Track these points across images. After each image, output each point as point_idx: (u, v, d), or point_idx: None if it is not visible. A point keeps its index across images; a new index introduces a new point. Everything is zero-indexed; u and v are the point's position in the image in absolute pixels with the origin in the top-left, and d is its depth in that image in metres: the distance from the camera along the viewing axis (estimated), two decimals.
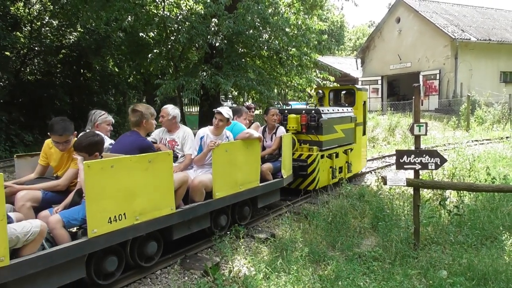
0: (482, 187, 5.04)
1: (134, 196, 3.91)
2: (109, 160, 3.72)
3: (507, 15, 32.59)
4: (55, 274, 3.41)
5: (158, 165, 4.14)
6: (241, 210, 5.76)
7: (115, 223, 3.73)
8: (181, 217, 4.51)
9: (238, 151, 5.35)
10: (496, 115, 19.22)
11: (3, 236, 2.92)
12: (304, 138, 7.54)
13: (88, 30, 15.41)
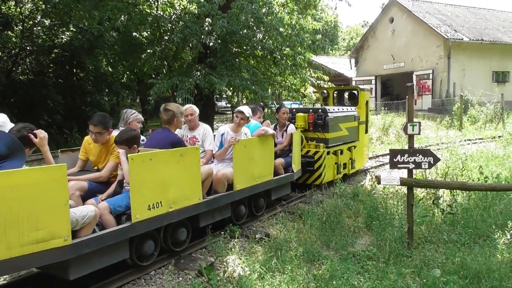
0: (475, 186, 5.07)
1: (168, 186, 4.35)
2: (148, 153, 4.16)
3: (499, 15, 32.86)
4: (106, 254, 3.87)
5: (188, 159, 4.59)
6: (257, 201, 6.22)
7: (153, 210, 4.19)
8: (207, 206, 4.96)
9: (255, 146, 5.81)
10: (488, 115, 19.37)
11: (66, 219, 3.38)
12: (311, 136, 7.93)
13: (81, 30, 15.32)
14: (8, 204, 3.05)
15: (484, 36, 26.69)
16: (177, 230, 4.73)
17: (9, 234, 3.07)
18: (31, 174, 3.22)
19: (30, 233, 3.17)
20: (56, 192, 3.29)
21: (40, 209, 3.21)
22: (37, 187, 3.19)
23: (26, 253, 3.16)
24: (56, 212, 3.31)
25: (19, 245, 3.12)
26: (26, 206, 3.14)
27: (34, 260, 3.23)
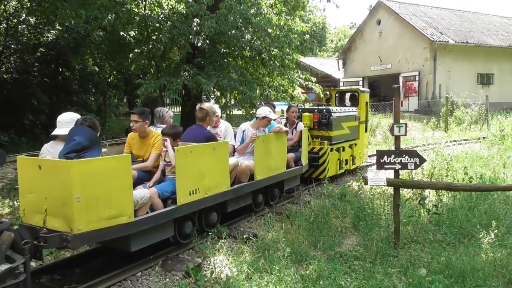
0: (460, 187, 5.15)
1: (204, 175, 5.04)
2: (190, 147, 4.89)
3: (483, 18, 33.38)
4: (157, 232, 4.56)
5: (219, 152, 5.31)
6: (272, 191, 6.91)
7: (193, 196, 4.89)
8: (234, 194, 5.66)
9: (271, 142, 6.51)
10: (473, 116, 19.65)
11: (130, 199, 4.05)
12: (316, 134, 8.60)
13: (67, 28, 15.13)
14: (89, 185, 3.69)
15: (469, 39, 27.09)
16: (209, 214, 5.43)
17: (89, 211, 3.70)
18: (106, 161, 3.97)
19: (105, 211, 3.83)
20: (123, 177, 3.98)
21: (112, 191, 3.87)
22: (110, 172, 3.86)
23: (101, 227, 3.80)
24: (123, 193, 3.98)
25: (97, 220, 3.76)
26: (101, 187, 3.79)
27: (107, 233, 3.87)
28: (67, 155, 3.88)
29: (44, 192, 3.78)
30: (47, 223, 3.76)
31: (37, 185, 3.85)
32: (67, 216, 3.64)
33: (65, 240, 3.60)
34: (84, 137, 4.03)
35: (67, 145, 4.03)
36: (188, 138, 5.35)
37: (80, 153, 3.93)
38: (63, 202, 3.64)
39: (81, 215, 3.63)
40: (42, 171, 3.79)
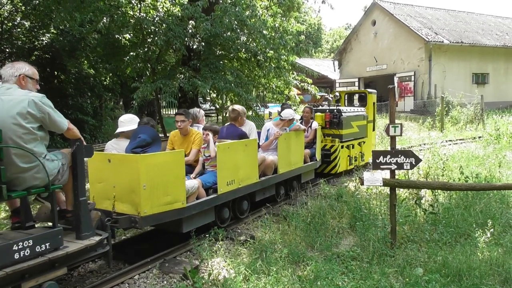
0: (455, 186, 5.17)
1: (238, 168, 5.73)
2: (227, 143, 5.63)
3: (478, 18, 33.55)
4: (202, 217, 5.28)
5: (250, 148, 6.02)
6: (291, 183, 7.59)
7: (230, 186, 5.60)
8: (261, 185, 6.40)
9: (292, 139, 7.21)
10: (469, 116, 19.73)
11: (183, 188, 4.79)
12: (328, 132, 9.27)
13: (62, 32, 15.08)
14: (152, 176, 4.40)
15: (464, 39, 27.22)
16: (241, 202, 6.20)
17: (152, 197, 4.42)
18: (164, 156, 4.75)
19: (163, 197, 4.54)
20: (177, 169, 4.71)
21: (169, 180, 4.58)
22: (167, 164, 4.59)
23: (161, 211, 4.52)
24: (178, 183, 4.71)
25: (157, 205, 4.48)
26: (161, 178, 4.49)
27: (165, 216, 4.59)
28: (134, 149, 4.68)
29: (113, 182, 4.50)
30: (115, 208, 4.45)
31: (106, 176, 4.55)
32: (134, 201, 4.38)
33: (133, 221, 4.35)
34: (147, 135, 4.85)
35: (133, 142, 4.80)
36: (223, 136, 6.10)
37: (145, 148, 4.74)
38: (131, 189, 4.37)
39: (146, 201, 4.37)
40: (111, 163, 4.52)
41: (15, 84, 3.41)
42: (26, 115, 3.23)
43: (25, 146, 3.22)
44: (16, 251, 3.06)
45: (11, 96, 3.28)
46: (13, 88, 3.35)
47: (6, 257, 2.99)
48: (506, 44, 28.80)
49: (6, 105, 3.22)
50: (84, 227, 3.68)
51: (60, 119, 3.47)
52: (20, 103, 3.24)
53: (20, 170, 3.23)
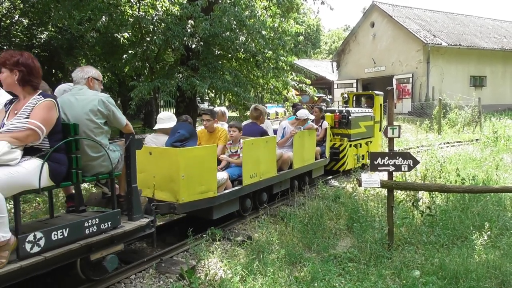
0: (453, 188, 5.18)
1: (259, 163, 6.29)
2: (252, 139, 6.19)
3: (476, 21, 33.65)
4: (229, 206, 5.86)
5: (270, 145, 6.59)
6: (303, 178, 8.11)
7: (253, 179, 6.17)
8: (279, 179, 6.97)
9: (305, 137, 7.77)
10: (466, 118, 19.76)
11: (215, 179, 5.35)
12: (337, 131, 9.82)
13: (60, 30, 15.04)
14: (189, 167, 4.96)
15: (462, 41, 27.29)
16: (261, 194, 6.76)
17: (189, 186, 4.99)
18: (200, 150, 5.32)
19: (198, 187, 5.12)
20: (210, 162, 5.26)
21: (203, 171, 5.16)
22: (202, 158, 5.15)
23: (196, 199, 5.10)
24: (210, 174, 5.29)
25: (193, 194, 5.06)
26: (197, 169, 5.06)
27: (199, 204, 5.17)
28: (174, 144, 5.24)
29: (153, 172, 5.01)
30: (155, 195, 4.92)
31: (147, 167, 4.98)
32: (173, 190, 4.94)
33: (172, 208, 4.92)
34: (186, 131, 5.42)
35: (173, 136, 5.37)
36: (245, 133, 6.58)
37: (183, 142, 5.29)
38: (171, 179, 4.93)
39: (184, 189, 4.93)
40: (152, 156, 5.05)
41: (85, 85, 3.99)
42: (96, 112, 3.78)
43: (95, 139, 3.77)
44: (87, 227, 3.65)
45: (84, 95, 3.83)
46: (84, 89, 3.93)
47: (79, 232, 3.58)
48: (503, 47, 28.89)
49: (81, 104, 3.77)
50: (135, 210, 4.24)
51: (121, 116, 4.04)
52: (92, 101, 3.78)
53: (90, 158, 3.77)
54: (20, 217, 3.37)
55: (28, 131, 3.19)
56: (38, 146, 3.33)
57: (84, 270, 3.84)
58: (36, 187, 3.20)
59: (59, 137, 3.47)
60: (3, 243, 3.01)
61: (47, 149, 3.35)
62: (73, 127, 3.56)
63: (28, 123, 3.19)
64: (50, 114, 3.34)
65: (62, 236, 3.42)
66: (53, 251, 3.33)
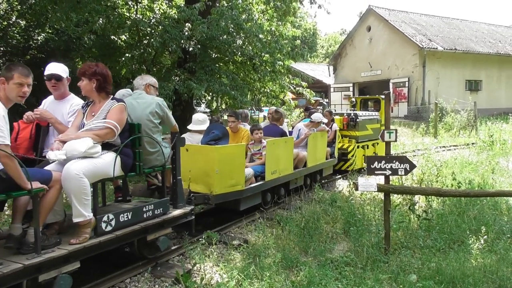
0: (449, 192, 5.18)
1: (279, 161, 6.89)
2: (273, 140, 6.85)
3: (471, 25, 33.86)
4: (253, 199, 6.45)
5: (288, 144, 7.25)
6: (314, 176, 8.64)
7: (274, 175, 6.77)
8: (295, 176, 7.58)
9: (318, 138, 8.36)
10: (462, 122, 19.84)
11: (243, 174, 5.99)
12: (345, 133, 10.50)
13: (57, 31, 14.97)
14: (222, 163, 5.60)
15: (457, 46, 27.45)
16: (279, 189, 7.31)
17: (221, 180, 5.62)
18: (231, 148, 5.94)
19: (229, 180, 5.75)
20: (240, 158, 5.92)
21: (233, 167, 5.79)
22: (233, 155, 5.82)
23: (227, 191, 5.72)
24: (239, 170, 5.90)
25: (225, 187, 5.69)
26: (228, 165, 5.70)
27: (229, 196, 5.79)
28: (209, 142, 5.88)
29: (189, 167, 5.50)
30: (190, 188, 5.46)
31: (184, 162, 5.17)
32: (208, 183, 5.60)
33: (207, 199, 5.56)
34: (219, 131, 6.07)
35: (208, 136, 6.03)
36: (266, 133, 7.22)
37: (217, 141, 5.89)
38: (206, 173, 5.59)
39: (217, 183, 5.57)
40: (189, 152, 5.54)
41: (143, 91, 4.73)
42: (154, 113, 4.47)
43: (153, 136, 4.42)
44: (145, 212, 4.29)
45: (143, 99, 4.55)
46: (143, 94, 4.67)
47: (139, 216, 4.23)
48: (499, 52, 29.09)
49: (141, 106, 4.46)
50: (180, 199, 4.86)
51: (172, 117, 4.75)
52: (151, 105, 4.49)
53: (148, 153, 4.40)
54: (97, 201, 3.99)
55: (107, 130, 3.83)
56: (112, 142, 3.95)
57: (141, 249, 4.51)
58: (111, 175, 3.87)
59: (127, 135, 4.08)
60: (87, 221, 3.66)
61: (118, 144, 3.96)
62: (137, 127, 4.25)
63: (106, 123, 3.83)
64: (122, 115, 3.96)
65: (127, 219, 4.10)
66: (121, 230, 3.99)
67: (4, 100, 3.42)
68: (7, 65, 3.54)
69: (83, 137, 3.67)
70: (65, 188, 3.55)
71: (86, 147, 3.59)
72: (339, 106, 28.99)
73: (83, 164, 3.56)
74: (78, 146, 3.59)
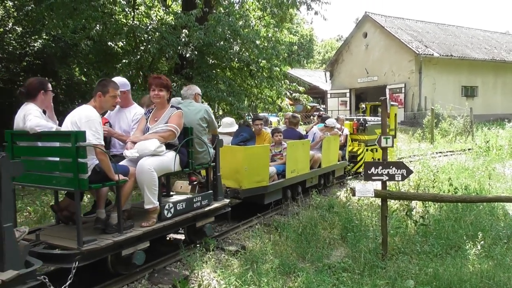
0: (446, 198, 5.19)
1: (297, 161, 7.65)
2: (293, 142, 7.73)
3: (467, 32, 34.11)
4: (275, 194, 7.25)
5: (305, 146, 8.00)
6: (328, 177, 9.40)
7: (292, 173, 7.53)
8: (310, 175, 8.34)
9: (331, 142, 9.12)
10: (458, 128, 19.90)
11: (267, 171, 6.79)
12: (355, 137, 11.23)
13: (54, 38, 14.97)
14: (250, 161, 6.45)
15: (453, 52, 27.62)
16: (297, 187, 8.01)
17: (249, 176, 6.47)
18: (257, 148, 6.79)
19: (256, 177, 6.58)
20: (265, 157, 6.76)
21: (259, 165, 6.61)
22: (259, 154, 6.66)
23: (253, 187, 6.57)
24: (264, 167, 6.72)
25: (252, 182, 6.53)
26: (255, 163, 6.53)
27: (255, 191, 6.63)
28: (238, 143, 6.71)
29: (222, 165, 5.79)
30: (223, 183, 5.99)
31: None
32: (238, 179, 6.43)
33: (237, 193, 6.44)
34: (247, 133, 6.93)
35: (237, 138, 6.87)
36: (286, 136, 7.95)
37: (245, 142, 6.74)
38: (236, 170, 6.38)
39: (246, 179, 6.42)
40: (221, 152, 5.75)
41: (192, 100, 5.53)
42: (203, 119, 5.33)
43: (202, 138, 5.23)
44: (194, 202, 5.11)
45: (193, 107, 5.38)
46: (192, 102, 5.49)
47: (191, 205, 5.06)
48: (494, 58, 29.29)
49: (192, 113, 5.28)
50: (219, 193, 5.64)
51: (215, 122, 5.64)
52: (200, 111, 5.35)
53: (197, 152, 5.17)
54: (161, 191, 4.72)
55: (170, 132, 4.59)
56: (172, 142, 4.70)
57: (190, 235, 5.35)
58: (172, 170, 4.67)
59: (182, 137, 4.83)
60: (155, 208, 4.45)
61: (177, 144, 4.73)
62: (190, 130, 5.02)
63: (169, 126, 4.60)
64: (181, 121, 4.74)
65: (182, 207, 4.92)
66: (178, 217, 4.80)
67: (99, 109, 4.18)
68: (101, 81, 4.35)
69: (151, 139, 4.43)
70: (139, 180, 4.32)
71: (155, 147, 4.36)
72: (336, 112, 29.06)
73: (153, 161, 4.34)
74: (148, 145, 4.35)
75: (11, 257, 3.16)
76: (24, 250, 3.38)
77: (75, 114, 4.11)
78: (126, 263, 4.29)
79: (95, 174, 3.91)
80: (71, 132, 3.84)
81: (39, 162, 4.15)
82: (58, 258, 3.80)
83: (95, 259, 3.84)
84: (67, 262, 3.69)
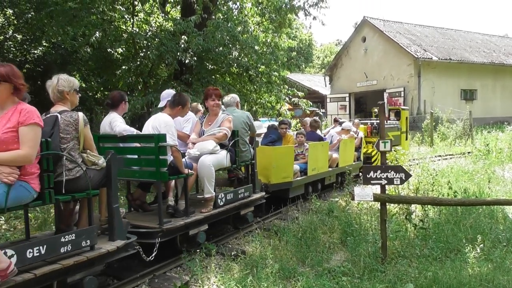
0: (445, 201, 5.21)
1: (317, 160, 8.53)
2: (315, 143, 8.61)
3: (465, 35, 34.19)
4: (298, 189, 8.03)
5: (324, 147, 8.86)
6: (344, 176, 9.55)
7: (313, 171, 8.40)
8: (329, 173, 9.24)
9: (347, 144, 9.93)
10: (458, 131, 19.92)
11: (292, 169, 7.66)
12: (369, 140, 12.03)
13: (54, 45, 15.04)
14: (277, 160, 7.31)
15: (452, 56, 27.68)
16: (317, 184, 8.83)
17: (277, 172, 7.33)
18: (283, 148, 7.73)
19: (282, 173, 7.40)
20: (290, 156, 7.64)
21: (285, 163, 7.44)
22: (285, 154, 7.52)
23: (280, 182, 7.39)
24: (289, 165, 7.59)
25: (279, 178, 7.37)
26: (281, 161, 7.37)
27: (281, 185, 7.43)
28: (267, 144, 7.79)
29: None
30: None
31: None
32: (267, 175, 7.26)
33: (266, 187, 7.14)
34: (275, 135, 8.15)
35: (266, 139, 8.13)
36: (308, 138, 8.75)
37: (273, 143, 7.87)
38: (265, 167, 7.16)
39: (273, 175, 7.27)
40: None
41: (235, 107, 6.47)
42: (246, 123, 6.28)
43: (245, 140, 6.18)
44: (239, 194, 6.08)
45: (237, 113, 6.31)
46: (236, 109, 6.43)
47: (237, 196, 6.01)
48: (493, 61, 29.35)
49: (237, 118, 6.13)
50: (256, 187, 6.54)
51: (254, 126, 6.54)
52: (243, 116, 6.32)
53: (241, 151, 6.06)
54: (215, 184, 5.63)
55: (223, 134, 5.58)
56: (224, 143, 5.65)
57: (235, 222, 6.30)
58: (225, 166, 5.69)
59: (231, 138, 5.73)
60: (212, 197, 5.41)
61: (227, 145, 5.68)
62: (236, 132, 5.88)
63: (223, 129, 5.58)
64: (231, 124, 5.70)
65: (230, 197, 5.85)
66: (228, 205, 5.74)
67: (173, 117, 5.28)
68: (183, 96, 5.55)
69: (208, 140, 5.45)
70: (200, 174, 5.34)
71: (212, 146, 5.37)
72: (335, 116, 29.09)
73: (211, 158, 5.33)
74: (208, 145, 5.37)
75: (119, 230, 4.11)
76: (126, 226, 4.31)
77: (155, 120, 5.21)
78: (191, 241, 5.18)
79: (170, 168, 4.77)
80: (154, 134, 4.86)
81: (125, 159, 4.80)
82: (144, 235, 4.62)
83: (170, 236, 4.78)
84: (152, 238, 4.60)
